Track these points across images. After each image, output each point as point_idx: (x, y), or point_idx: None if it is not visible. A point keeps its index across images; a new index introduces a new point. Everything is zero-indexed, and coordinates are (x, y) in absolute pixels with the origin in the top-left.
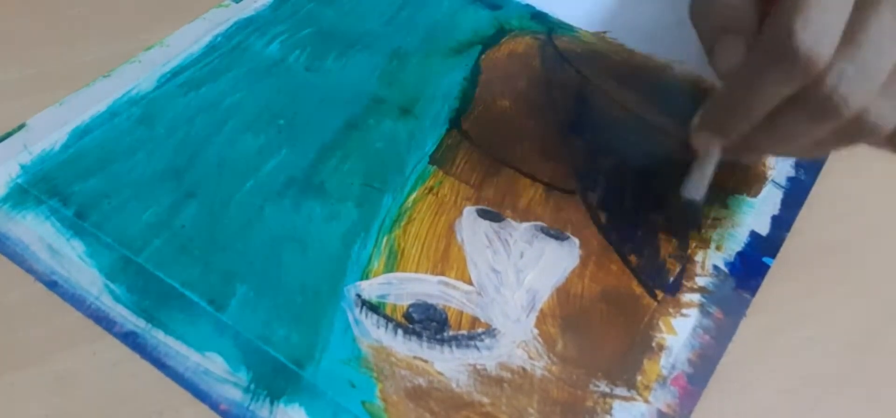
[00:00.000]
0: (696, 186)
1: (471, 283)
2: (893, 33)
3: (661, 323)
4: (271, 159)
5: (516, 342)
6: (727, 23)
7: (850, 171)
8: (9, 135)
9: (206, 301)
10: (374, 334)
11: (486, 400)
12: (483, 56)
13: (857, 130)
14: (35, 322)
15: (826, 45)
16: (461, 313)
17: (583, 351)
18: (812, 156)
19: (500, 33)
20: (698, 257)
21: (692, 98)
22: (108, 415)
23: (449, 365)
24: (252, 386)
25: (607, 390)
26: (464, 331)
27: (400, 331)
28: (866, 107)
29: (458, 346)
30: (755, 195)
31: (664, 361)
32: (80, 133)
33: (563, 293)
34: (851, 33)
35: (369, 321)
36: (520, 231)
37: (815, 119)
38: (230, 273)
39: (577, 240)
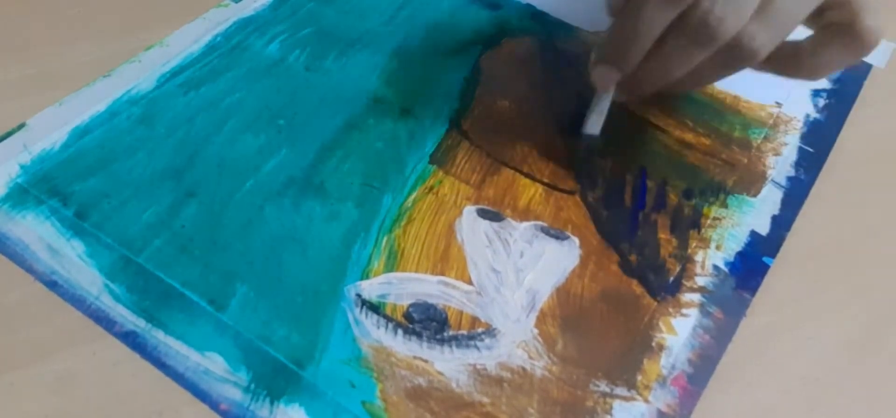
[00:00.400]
0: (595, 123)
1: (471, 283)
2: None
3: (661, 323)
4: (271, 159)
5: (516, 342)
6: None
7: (850, 171)
8: (9, 135)
9: (206, 301)
10: (375, 334)
11: (486, 400)
12: (483, 56)
13: (736, 55)
14: (35, 322)
15: None
16: (461, 313)
17: (583, 351)
18: (699, 85)
19: (501, 33)
20: (698, 257)
21: (689, 96)
22: (108, 415)
23: (449, 365)
24: (252, 386)
25: (607, 390)
26: (464, 331)
27: (400, 331)
28: (741, 31)
29: (458, 346)
30: (755, 195)
31: (664, 361)
32: (80, 133)
33: (563, 293)
34: None
35: (369, 321)
36: (520, 231)
37: (696, 43)
38: (230, 273)
39: (577, 240)
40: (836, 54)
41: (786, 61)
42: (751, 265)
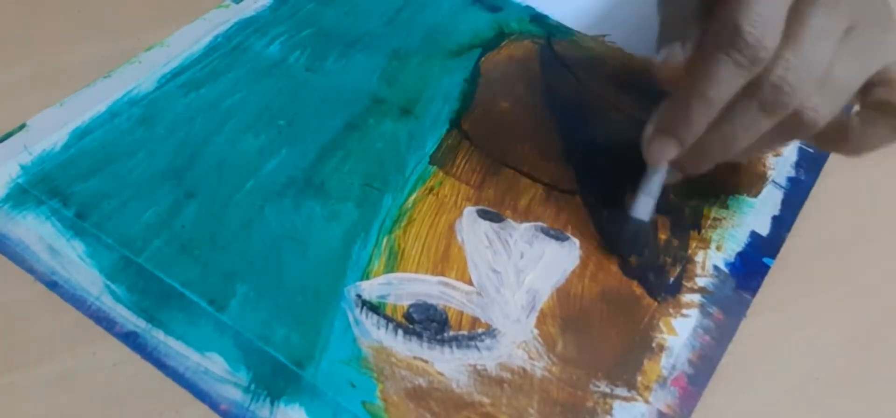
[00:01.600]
0: (645, 206)
1: (471, 284)
2: (827, 29)
3: (661, 324)
4: (271, 159)
5: (516, 342)
6: (672, 33)
7: (850, 171)
8: (9, 135)
9: (207, 301)
10: (375, 334)
11: (486, 400)
12: (483, 59)
13: (796, 125)
14: (35, 322)
15: (769, 34)
16: (461, 313)
17: (583, 351)
18: (754, 155)
19: (500, 36)
20: (698, 257)
21: None
22: (108, 415)
23: (449, 365)
24: (252, 387)
25: (607, 390)
26: (464, 332)
27: (400, 332)
28: (804, 101)
29: (458, 347)
30: (755, 195)
31: (664, 361)
32: (81, 133)
33: (563, 293)
34: (792, 28)
35: (369, 321)
36: (520, 231)
37: (765, 110)
38: (230, 273)
39: (577, 241)
40: (883, 132)
41: (833, 137)
42: (751, 265)
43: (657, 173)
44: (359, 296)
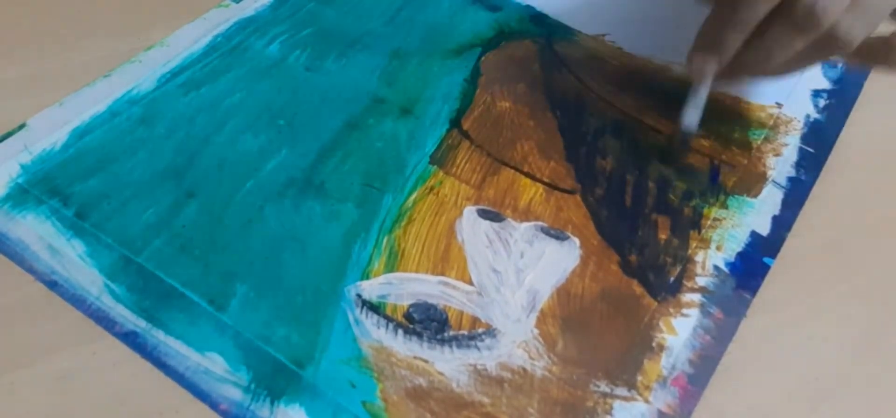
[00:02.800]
0: (692, 116)
1: (471, 283)
2: None
3: (661, 323)
4: (271, 159)
5: (517, 342)
6: None
7: (850, 171)
8: (9, 135)
9: (207, 301)
10: (375, 334)
11: (486, 400)
12: (483, 58)
13: (831, 43)
14: (35, 322)
15: None
16: (461, 313)
17: (583, 351)
18: (792, 71)
19: (500, 36)
20: (699, 257)
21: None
22: (108, 415)
23: (449, 365)
24: (252, 386)
25: (608, 390)
26: (464, 331)
27: (400, 331)
28: (838, 20)
29: (458, 346)
30: (755, 195)
31: (664, 361)
32: (81, 133)
33: (563, 293)
34: None
35: (369, 321)
36: (520, 231)
37: (798, 29)
38: (230, 273)
39: (577, 240)
40: None
41: (874, 52)
42: (751, 265)
43: (702, 87)
44: (359, 295)
